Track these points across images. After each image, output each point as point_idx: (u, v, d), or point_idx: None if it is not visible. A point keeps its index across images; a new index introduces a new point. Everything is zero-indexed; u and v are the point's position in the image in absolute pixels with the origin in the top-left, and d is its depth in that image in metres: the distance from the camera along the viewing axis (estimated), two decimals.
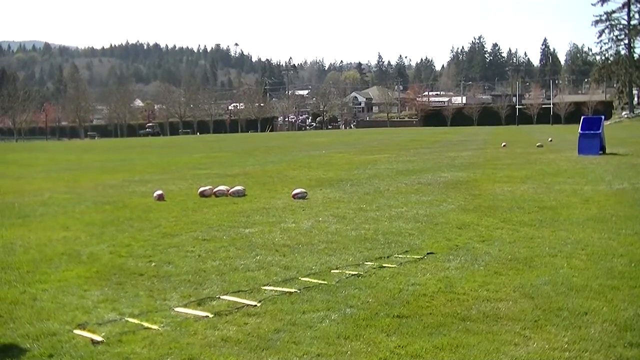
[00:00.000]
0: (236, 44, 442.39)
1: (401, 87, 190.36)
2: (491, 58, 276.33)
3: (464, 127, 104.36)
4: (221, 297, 7.23)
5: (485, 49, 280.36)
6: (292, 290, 7.41)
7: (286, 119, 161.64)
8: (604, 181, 17.90)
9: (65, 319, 6.61)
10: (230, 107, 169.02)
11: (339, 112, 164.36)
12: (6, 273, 8.67)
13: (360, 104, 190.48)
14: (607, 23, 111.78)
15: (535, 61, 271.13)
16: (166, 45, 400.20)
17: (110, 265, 8.89)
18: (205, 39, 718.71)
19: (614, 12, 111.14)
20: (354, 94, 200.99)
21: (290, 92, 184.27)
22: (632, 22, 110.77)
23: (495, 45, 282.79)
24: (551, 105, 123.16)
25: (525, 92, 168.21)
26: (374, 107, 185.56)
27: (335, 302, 6.91)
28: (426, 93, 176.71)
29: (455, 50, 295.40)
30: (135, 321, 6.44)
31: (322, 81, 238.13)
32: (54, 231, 11.95)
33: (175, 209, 14.27)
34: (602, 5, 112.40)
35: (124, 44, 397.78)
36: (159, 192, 16.63)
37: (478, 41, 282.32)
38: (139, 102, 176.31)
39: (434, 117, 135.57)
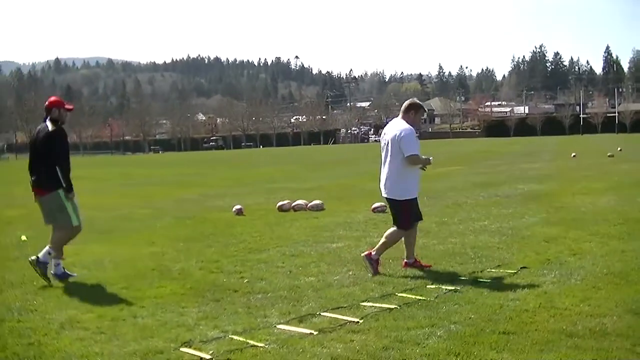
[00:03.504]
0: (296, 57, 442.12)
1: (463, 98, 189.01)
2: (553, 67, 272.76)
3: (528, 138, 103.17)
4: (322, 313, 7.21)
5: (546, 58, 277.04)
6: (392, 306, 7.35)
7: (348, 131, 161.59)
8: None
9: (169, 336, 6.62)
10: (292, 120, 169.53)
11: None
12: (102, 289, 8.78)
13: (422, 116, 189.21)
14: None
15: (598, 69, 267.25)
16: (227, 59, 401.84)
17: (203, 282, 8.95)
18: (266, 52, 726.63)
19: None
20: None
21: (351, 104, 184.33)
22: None
23: (556, 54, 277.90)
24: (616, 114, 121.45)
25: (588, 100, 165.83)
26: (435, 119, 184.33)
27: (438, 319, 6.84)
28: (488, 103, 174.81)
29: (516, 59, 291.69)
30: (240, 339, 6.42)
31: (383, 93, 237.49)
32: (141, 246, 12.12)
33: (258, 224, 14.33)
34: None
35: (185, 59, 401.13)
36: (238, 206, 16.73)
37: (539, 50, 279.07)
38: (201, 116, 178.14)
39: (496, 128, 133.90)
